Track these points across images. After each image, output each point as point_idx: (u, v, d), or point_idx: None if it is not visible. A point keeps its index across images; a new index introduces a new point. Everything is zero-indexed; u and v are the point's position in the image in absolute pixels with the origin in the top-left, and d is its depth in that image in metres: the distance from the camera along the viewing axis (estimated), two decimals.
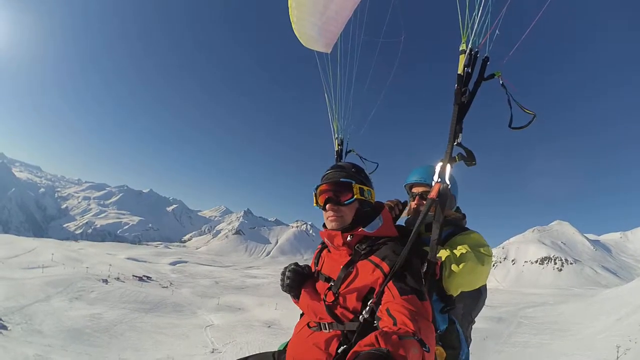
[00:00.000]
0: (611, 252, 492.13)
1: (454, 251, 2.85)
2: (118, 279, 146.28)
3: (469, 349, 3.17)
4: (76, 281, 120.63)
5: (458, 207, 3.60)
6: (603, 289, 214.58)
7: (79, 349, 71.44)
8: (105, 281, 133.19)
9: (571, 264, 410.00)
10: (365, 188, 2.68)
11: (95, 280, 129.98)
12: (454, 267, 2.75)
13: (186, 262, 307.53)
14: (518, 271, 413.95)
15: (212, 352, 76.38)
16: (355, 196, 2.62)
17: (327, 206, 2.67)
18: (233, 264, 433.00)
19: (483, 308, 3.78)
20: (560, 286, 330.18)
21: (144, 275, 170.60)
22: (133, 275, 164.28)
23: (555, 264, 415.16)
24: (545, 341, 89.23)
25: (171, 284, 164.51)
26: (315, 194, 2.76)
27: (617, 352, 70.47)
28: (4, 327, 74.55)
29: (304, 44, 4.18)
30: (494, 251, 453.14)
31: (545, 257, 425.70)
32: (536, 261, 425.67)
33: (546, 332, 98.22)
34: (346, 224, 2.63)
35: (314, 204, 2.79)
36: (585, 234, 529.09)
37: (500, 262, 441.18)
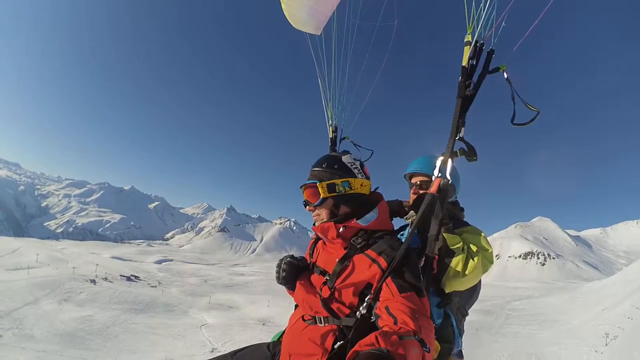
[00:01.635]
0: (592, 247, 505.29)
1: (469, 253, 2.82)
2: (106, 279, 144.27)
3: (462, 341, 3.19)
4: (63, 282, 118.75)
5: (457, 201, 3.53)
6: (585, 282, 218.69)
7: (74, 354, 70.42)
8: (93, 282, 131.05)
9: (553, 258, 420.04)
10: (338, 182, 2.59)
11: (82, 280, 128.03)
12: (461, 269, 2.73)
13: (172, 260, 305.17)
14: (502, 266, 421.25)
15: (212, 351, 75.50)
16: (321, 196, 2.60)
17: (306, 208, 2.73)
18: (219, 261, 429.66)
19: None
20: (543, 280, 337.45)
21: (132, 275, 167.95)
22: (120, 275, 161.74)
23: (538, 258, 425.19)
24: (534, 331, 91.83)
25: (160, 283, 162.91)
26: None
27: (607, 338, 72.81)
28: None
29: (293, 26, 4.13)
30: None
31: (529, 252, 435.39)
32: (519, 256, 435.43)
33: (535, 323, 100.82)
34: (325, 221, 2.62)
35: None
36: (566, 230, 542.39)
37: None
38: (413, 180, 3.55)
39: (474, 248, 2.86)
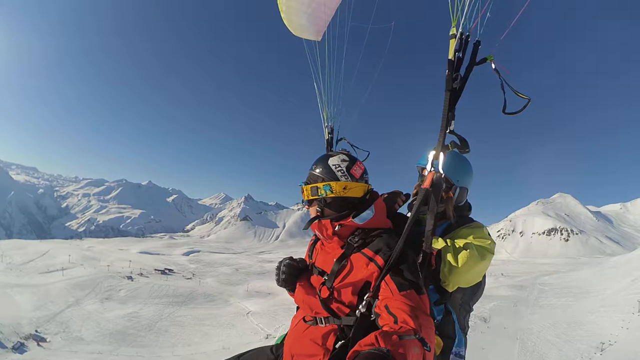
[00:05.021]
0: (612, 222, 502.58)
1: (456, 246, 2.84)
2: (141, 274, 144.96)
3: (467, 337, 3.23)
4: (101, 281, 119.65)
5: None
6: (609, 257, 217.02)
7: (129, 352, 71.29)
8: (130, 278, 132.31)
9: (577, 234, 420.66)
10: (320, 185, 2.62)
11: (119, 278, 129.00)
12: (453, 262, 2.74)
13: (199, 251, 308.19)
14: (527, 242, 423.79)
15: (267, 337, 76.15)
16: (304, 199, 2.73)
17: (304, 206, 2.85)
18: (244, 250, 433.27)
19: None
20: (568, 255, 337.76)
21: (166, 269, 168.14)
22: (155, 270, 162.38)
23: (562, 234, 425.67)
24: (570, 302, 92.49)
25: (194, 274, 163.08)
26: None
27: (639, 305, 74.65)
28: (43, 339, 73.57)
29: (293, 33, 4.21)
30: (502, 224, 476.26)
31: (552, 229, 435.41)
32: (543, 232, 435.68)
33: (569, 295, 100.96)
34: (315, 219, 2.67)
35: None
36: (586, 206, 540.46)
37: (509, 235, 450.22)
38: (424, 172, 3.25)
39: (460, 243, 2.86)
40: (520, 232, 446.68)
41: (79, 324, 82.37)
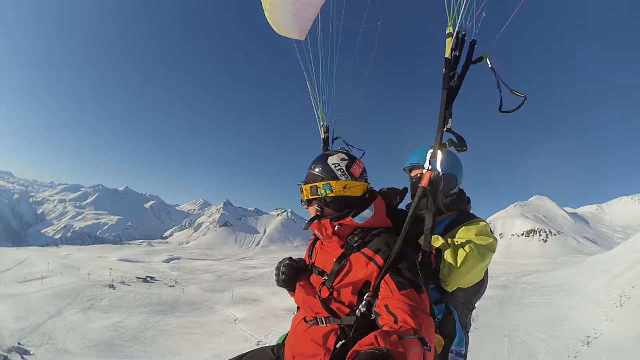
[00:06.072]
0: (589, 223, 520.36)
1: (456, 244, 2.84)
2: (123, 283, 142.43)
3: (469, 335, 3.25)
4: (82, 290, 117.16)
5: (463, 191, 3.51)
6: (587, 256, 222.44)
7: None
8: (112, 287, 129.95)
9: (555, 235, 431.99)
10: (320, 185, 2.58)
11: (101, 286, 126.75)
12: (452, 261, 2.74)
13: (180, 258, 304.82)
14: (507, 244, 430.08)
15: (258, 344, 74.02)
16: (304, 199, 2.69)
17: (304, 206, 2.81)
18: (226, 256, 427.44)
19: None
20: (547, 256, 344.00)
21: (148, 277, 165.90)
22: (137, 278, 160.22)
23: (541, 236, 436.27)
24: (554, 300, 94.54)
25: (177, 282, 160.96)
26: None
27: (621, 299, 76.96)
28: (27, 352, 71.01)
29: (277, 33, 4.20)
30: None
31: (531, 230, 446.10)
32: (522, 234, 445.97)
33: (552, 294, 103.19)
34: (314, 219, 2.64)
35: None
36: (563, 208, 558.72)
37: None
38: (413, 174, 3.56)
39: (459, 241, 2.87)
40: (500, 234, 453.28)
41: (63, 335, 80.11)
